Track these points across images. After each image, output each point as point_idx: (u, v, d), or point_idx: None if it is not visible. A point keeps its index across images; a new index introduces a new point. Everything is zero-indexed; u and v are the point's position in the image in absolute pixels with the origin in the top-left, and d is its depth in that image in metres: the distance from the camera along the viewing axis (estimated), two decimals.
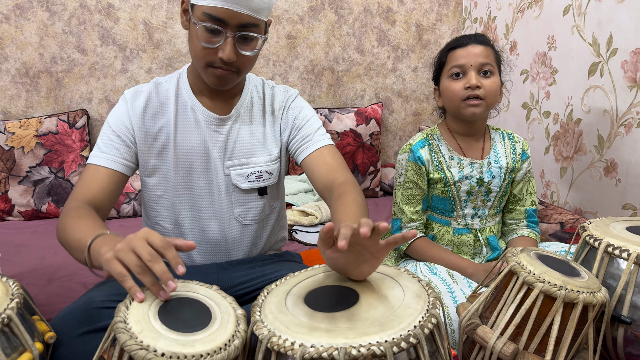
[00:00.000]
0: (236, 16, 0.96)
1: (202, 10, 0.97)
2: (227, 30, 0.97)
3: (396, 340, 0.62)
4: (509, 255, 0.93)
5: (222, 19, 0.96)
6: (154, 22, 2.35)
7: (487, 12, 2.42)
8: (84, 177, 1.06)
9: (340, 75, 2.61)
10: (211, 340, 0.66)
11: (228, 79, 1.04)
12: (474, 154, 1.36)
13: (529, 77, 2.08)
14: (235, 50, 0.99)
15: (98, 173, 1.06)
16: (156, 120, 1.12)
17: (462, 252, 1.37)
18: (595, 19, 1.67)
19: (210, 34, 0.99)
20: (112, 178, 1.06)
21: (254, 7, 0.97)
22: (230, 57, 0.98)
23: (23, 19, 2.22)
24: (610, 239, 0.98)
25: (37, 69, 2.28)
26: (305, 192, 2.37)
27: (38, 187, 2.15)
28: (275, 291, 0.79)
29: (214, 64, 1.01)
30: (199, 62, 1.03)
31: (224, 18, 0.96)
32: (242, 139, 1.15)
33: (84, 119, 2.26)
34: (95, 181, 1.05)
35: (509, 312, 0.86)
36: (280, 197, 1.27)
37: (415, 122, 2.77)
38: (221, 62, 1.00)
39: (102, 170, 1.06)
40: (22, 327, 0.72)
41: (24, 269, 1.64)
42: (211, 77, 1.04)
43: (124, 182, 1.10)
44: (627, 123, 1.55)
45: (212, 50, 0.99)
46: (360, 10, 2.55)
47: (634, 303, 0.92)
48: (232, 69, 1.02)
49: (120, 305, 0.69)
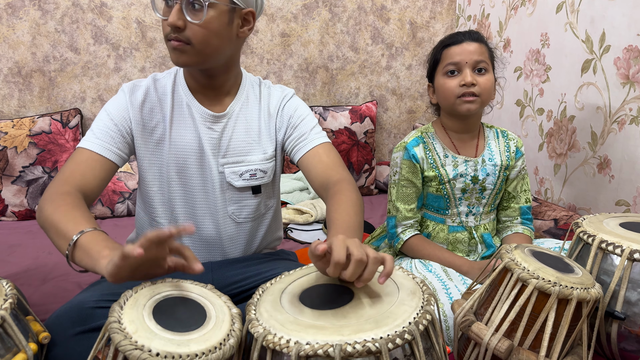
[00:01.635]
0: None
1: None
2: None
3: (391, 336, 0.62)
4: (503, 252, 0.93)
5: None
6: (147, 21, 2.34)
7: (480, 10, 2.42)
8: (76, 160, 1.03)
9: (334, 73, 2.61)
10: (206, 339, 0.66)
11: (182, 51, 1.01)
12: (468, 151, 1.37)
13: (523, 74, 2.08)
14: (180, 16, 0.98)
15: (92, 159, 1.03)
16: (153, 115, 1.12)
17: (457, 249, 1.37)
18: (588, 16, 1.68)
19: (167, 7, 1.01)
20: (104, 166, 1.04)
21: None
22: (172, 21, 0.97)
23: (15, 17, 2.20)
24: (603, 235, 0.98)
25: (29, 68, 2.27)
26: (300, 190, 2.37)
27: (31, 187, 2.14)
28: (270, 290, 0.79)
29: (169, 37, 1.01)
30: (165, 40, 1.04)
31: None
32: (236, 137, 1.15)
33: (77, 118, 2.25)
34: (88, 167, 1.02)
35: (503, 309, 0.86)
36: (275, 196, 1.27)
37: (410, 119, 2.78)
38: (172, 31, 1.00)
39: (96, 157, 1.04)
40: (16, 327, 0.71)
41: (18, 269, 1.63)
42: (171, 53, 1.03)
43: (114, 171, 1.08)
44: (620, 120, 1.56)
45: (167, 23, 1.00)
46: (354, 8, 2.54)
47: (628, 299, 0.92)
48: (181, 39, 1.00)
49: (114, 305, 0.69)
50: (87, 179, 1.01)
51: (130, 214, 2.20)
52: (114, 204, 2.19)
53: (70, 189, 0.97)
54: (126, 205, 2.20)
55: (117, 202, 2.19)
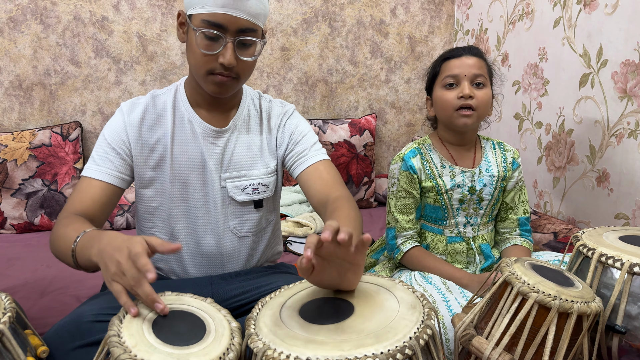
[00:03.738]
0: (235, 21, 0.99)
1: (201, 18, 0.99)
2: (227, 35, 1.00)
3: (392, 351, 0.62)
4: (503, 266, 0.93)
5: (221, 24, 0.98)
6: (147, 35, 2.36)
7: (478, 24, 2.44)
8: (78, 189, 1.06)
9: (334, 87, 2.63)
10: (206, 353, 0.66)
11: (228, 85, 1.05)
12: (465, 162, 1.37)
13: (521, 88, 2.10)
14: (235, 55, 1.01)
15: (91, 186, 1.06)
16: (153, 132, 1.12)
17: (456, 260, 1.37)
18: (585, 31, 1.69)
19: (210, 41, 1.00)
20: (105, 191, 1.07)
21: (251, 12, 1.00)
22: (231, 62, 1.00)
23: (17, 31, 2.22)
24: (603, 249, 0.98)
25: (30, 81, 2.28)
26: (299, 203, 2.37)
27: (31, 200, 2.14)
28: (270, 304, 0.78)
29: (214, 71, 1.02)
30: (200, 71, 1.04)
31: (223, 23, 0.98)
32: (238, 152, 1.15)
33: (77, 131, 2.26)
34: (88, 194, 1.05)
35: (504, 323, 0.86)
36: (276, 210, 1.27)
37: (409, 132, 2.79)
38: (222, 68, 1.02)
39: (96, 183, 1.06)
40: (15, 341, 0.71)
41: (17, 282, 1.63)
42: (211, 85, 1.05)
43: (118, 195, 1.10)
44: (618, 133, 1.57)
45: (212, 57, 1.01)
46: (353, 22, 2.57)
47: (628, 312, 0.92)
48: (232, 75, 1.04)
49: (114, 319, 0.69)
50: (86, 204, 1.04)
51: (130, 226, 2.20)
52: (113, 217, 2.18)
53: (68, 215, 1.01)
54: (125, 218, 2.20)
55: (116, 215, 2.19)
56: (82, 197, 1.05)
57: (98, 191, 1.06)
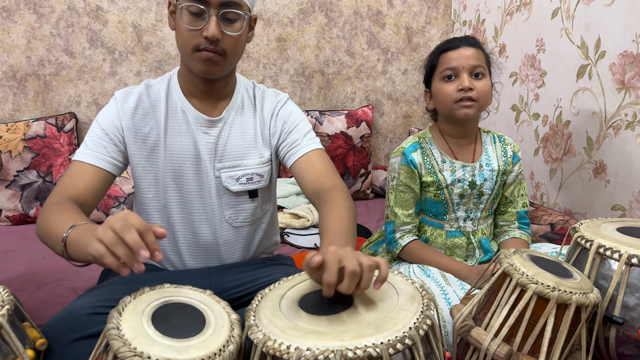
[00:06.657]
0: None
1: None
2: (210, 9, 0.99)
3: (392, 341, 0.62)
4: (502, 257, 0.93)
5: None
6: (142, 25, 2.33)
7: (476, 15, 2.43)
8: (69, 173, 1.04)
9: (330, 78, 2.61)
10: (205, 345, 0.66)
11: (215, 61, 1.03)
12: (465, 157, 1.37)
13: (518, 79, 2.09)
14: (219, 29, 1.00)
15: (83, 170, 1.04)
16: (146, 122, 1.11)
17: (455, 254, 1.37)
18: (583, 22, 1.69)
19: (194, 17, 1.00)
20: (97, 176, 1.05)
21: None
22: (214, 34, 0.99)
23: (10, 21, 2.19)
24: (601, 240, 0.99)
25: (24, 72, 2.26)
26: (296, 194, 2.36)
27: (26, 192, 2.12)
28: (269, 295, 0.78)
29: (199, 47, 1.01)
30: (186, 49, 1.03)
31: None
32: (232, 141, 1.15)
33: (72, 122, 2.24)
34: (80, 178, 1.03)
35: (502, 314, 0.86)
36: (272, 200, 1.27)
37: (406, 124, 2.78)
38: (207, 43, 1.01)
39: (88, 168, 1.04)
40: (13, 334, 0.71)
41: (12, 275, 1.62)
42: (198, 64, 1.04)
43: (110, 180, 1.08)
44: (615, 125, 1.57)
45: (197, 33, 1.00)
46: (350, 13, 2.55)
47: (626, 303, 0.92)
48: (217, 51, 1.02)
49: (113, 312, 0.68)
50: (79, 189, 1.02)
51: None
52: (109, 209, 2.18)
53: (61, 199, 0.98)
54: (121, 209, 2.19)
55: (112, 207, 2.18)
56: (75, 181, 1.03)
57: (91, 176, 1.04)
